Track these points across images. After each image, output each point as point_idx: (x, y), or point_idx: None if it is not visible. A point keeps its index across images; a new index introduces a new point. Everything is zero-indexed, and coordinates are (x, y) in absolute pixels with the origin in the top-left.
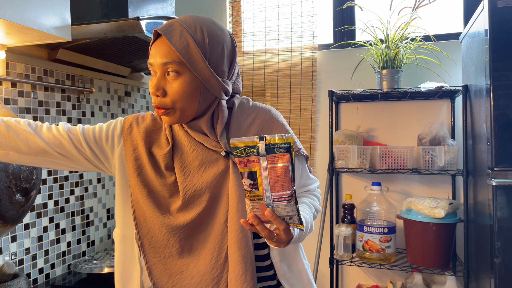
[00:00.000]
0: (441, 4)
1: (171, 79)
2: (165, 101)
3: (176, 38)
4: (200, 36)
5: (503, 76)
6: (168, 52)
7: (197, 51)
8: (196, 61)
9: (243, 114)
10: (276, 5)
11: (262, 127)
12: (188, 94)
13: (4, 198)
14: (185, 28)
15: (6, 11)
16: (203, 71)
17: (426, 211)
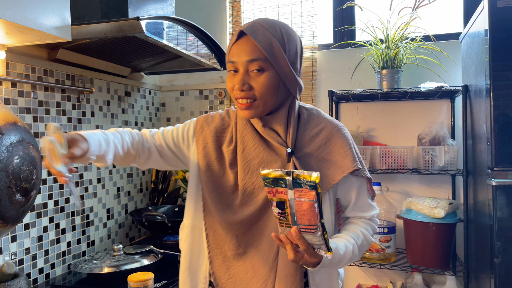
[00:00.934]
0: (441, 4)
1: (254, 75)
2: (250, 94)
3: (260, 37)
4: (280, 35)
5: (503, 76)
6: (254, 50)
7: (279, 49)
8: (278, 57)
9: (312, 122)
10: (276, 5)
11: (326, 141)
12: (271, 89)
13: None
14: (267, 28)
15: (6, 11)
16: (284, 67)
17: (426, 211)
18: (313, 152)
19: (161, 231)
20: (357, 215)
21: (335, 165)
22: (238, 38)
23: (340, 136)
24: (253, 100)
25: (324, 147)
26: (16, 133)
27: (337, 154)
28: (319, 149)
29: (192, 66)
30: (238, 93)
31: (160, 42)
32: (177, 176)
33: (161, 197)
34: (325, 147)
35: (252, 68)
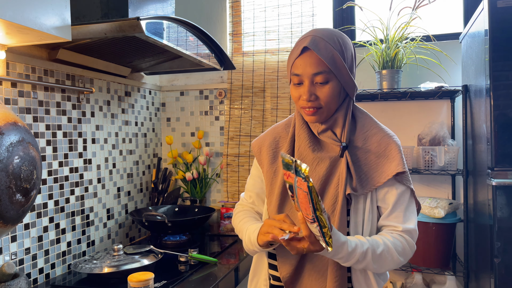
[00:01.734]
0: (441, 4)
1: (319, 86)
2: (317, 104)
3: (323, 50)
4: (339, 46)
5: (503, 76)
6: (318, 63)
7: (340, 60)
8: (340, 68)
9: (367, 125)
10: (276, 5)
11: (378, 145)
12: (335, 97)
13: (4, 198)
14: (327, 41)
15: (6, 11)
16: (346, 76)
17: (426, 211)
18: (365, 150)
19: (161, 231)
20: (390, 224)
21: (382, 168)
22: (301, 53)
23: (391, 142)
24: (319, 108)
25: (376, 149)
26: (16, 133)
27: (386, 158)
28: (371, 150)
29: (192, 66)
30: (305, 103)
31: (160, 42)
32: (177, 176)
33: (161, 197)
34: (376, 150)
35: (317, 80)
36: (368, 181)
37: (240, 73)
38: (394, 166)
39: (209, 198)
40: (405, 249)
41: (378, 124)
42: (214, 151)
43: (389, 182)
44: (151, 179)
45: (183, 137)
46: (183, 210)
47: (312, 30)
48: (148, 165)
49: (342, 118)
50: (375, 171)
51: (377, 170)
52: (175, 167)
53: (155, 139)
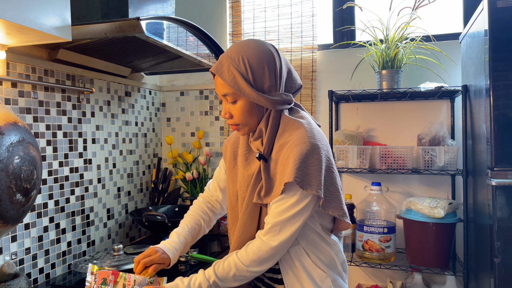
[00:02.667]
0: (441, 4)
1: (231, 105)
2: (233, 121)
3: (225, 74)
4: (243, 66)
5: (503, 76)
6: (224, 86)
7: (242, 81)
8: (243, 88)
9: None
10: (276, 5)
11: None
12: (247, 113)
13: (4, 198)
14: (231, 62)
15: (6, 11)
16: (251, 94)
17: (426, 211)
18: (276, 159)
19: (161, 231)
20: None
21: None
22: (214, 76)
23: (294, 149)
24: (237, 124)
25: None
26: (16, 133)
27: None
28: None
29: (192, 66)
30: (226, 120)
31: (160, 42)
32: (177, 176)
33: (161, 197)
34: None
35: (228, 100)
36: (271, 192)
37: None
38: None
39: None
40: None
41: (294, 130)
42: (214, 151)
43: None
44: (151, 179)
45: (183, 137)
46: (183, 210)
47: (230, 47)
48: (148, 165)
49: (264, 129)
50: (279, 180)
51: (280, 180)
52: (175, 167)
53: (155, 139)
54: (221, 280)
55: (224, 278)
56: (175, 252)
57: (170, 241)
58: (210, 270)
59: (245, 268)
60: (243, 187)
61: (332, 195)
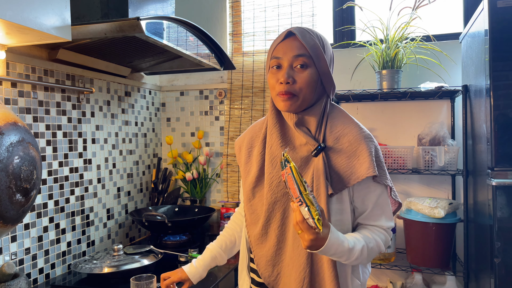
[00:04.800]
0: (441, 4)
1: (298, 70)
2: (293, 88)
3: (306, 37)
4: (320, 39)
5: (503, 76)
6: (300, 47)
7: (321, 49)
8: (320, 57)
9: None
10: (276, 5)
11: (348, 145)
12: (312, 84)
13: (4, 198)
14: (310, 33)
15: (6, 11)
16: (324, 66)
17: (426, 211)
18: (336, 150)
19: (161, 231)
20: (372, 223)
21: (353, 169)
22: (285, 38)
23: (362, 143)
24: (294, 95)
25: (347, 150)
26: (16, 133)
27: (357, 159)
28: (343, 150)
29: (192, 66)
30: (282, 87)
31: (160, 42)
32: (177, 176)
33: (161, 197)
34: (348, 150)
35: (297, 63)
36: (339, 182)
37: (240, 73)
38: (365, 169)
39: (209, 198)
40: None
41: (353, 123)
42: (214, 151)
43: (366, 183)
44: (151, 179)
45: (183, 137)
46: (183, 210)
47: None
48: (148, 165)
49: (317, 115)
50: (345, 172)
51: (347, 171)
52: (175, 167)
53: (155, 139)
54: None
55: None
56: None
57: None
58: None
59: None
60: None
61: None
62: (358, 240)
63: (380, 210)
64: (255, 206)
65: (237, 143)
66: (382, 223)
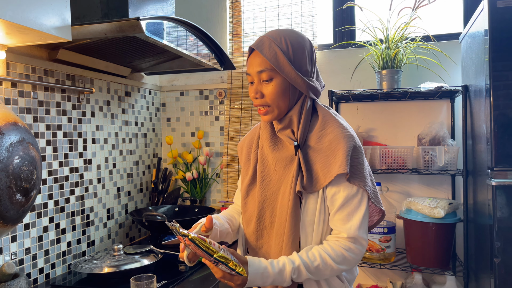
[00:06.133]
0: (441, 4)
1: (265, 84)
2: (264, 101)
3: (266, 50)
4: (284, 44)
5: (503, 76)
6: (262, 62)
7: (283, 57)
8: (283, 65)
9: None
10: (276, 5)
11: (329, 144)
12: (281, 94)
13: (4, 198)
14: (272, 40)
15: (6, 11)
16: (290, 73)
17: (426, 211)
18: (317, 149)
19: (161, 231)
20: (334, 227)
21: (329, 168)
22: (250, 53)
23: (341, 141)
24: (268, 106)
25: (327, 148)
26: (16, 133)
27: (334, 157)
28: (322, 149)
29: (192, 66)
30: (255, 101)
31: (160, 42)
32: (177, 176)
33: (161, 197)
34: (327, 149)
35: (262, 78)
36: (317, 181)
37: (240, 73)
38: (337, 167)
39: (209, 198)
40: (347, 259)
41: (335, 123)
42: (214, 151)
43: (338, 182)
44: (151, 179)
45: (183, 137)
46: (183, 210)
47: (269, 31)
48: (148, 165)
49: (296, 116)
50: (323, 171)
51: (324, 170)
52: (175, 167)
53: (155, 139)
54: (306, 267)
55: (309, 267)
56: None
57: None
58: (294, 255)
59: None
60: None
61: (376, 189)
62: (293, 261)
63: (346, 215)
64: (248, 205)
65: (239, 144)
66: (345, 231)
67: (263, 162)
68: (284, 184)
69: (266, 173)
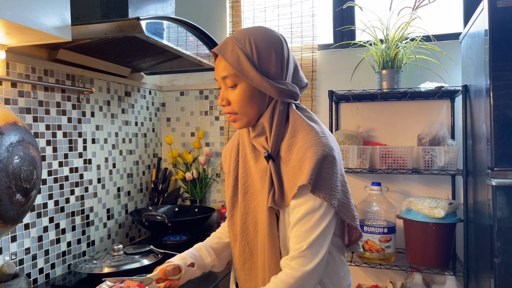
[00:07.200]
0: (441, 4)
1: (230, 90)
2: (231, 109)
3: (228, 53)
4: (248, 47)
5: (503, 76)
6: (225, 67)
7: (246, 61)
8: (246, 70)
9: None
10: (276, 5)
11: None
12: (247, 101)
13: (4, 198)
14: (236, 43)
15: (6, 11)
16: (254, 77)
17: (426, 211)
18: (287, 159)
19: (161, 231)
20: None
21: (295, 181)
22: (215, 58)
23: (309, 151)
24: (236, 114)
25: (295, 159)
26: (16, 133)
27: (300, 169)
28: (291, 160)
29: (192, 66)
30: (223, 109)
31: (160, 42)
32: (177, 176)
33: (161, 197)
34: (296, 160)
35: (228, 84)
36: (286, 195)
37: None
38: (302, 179)
39: (209, 198)
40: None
41: (307, 129)
42: (214, 151)
43: (302, 194)
44: (151, 179)
45: (183, 137)
46: (183, 210)
47: (238, 30)
48: (148, 165)
49: (268, 123)
50: (289, 183)
51: (291, 183)
52: (175, 167)
53: (155, 139)
54: None
55: None
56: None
57: None
58: None
59: None
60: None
61: (350, 201)
62: None
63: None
64: (235, 217)
65: (223, 152)
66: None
67: (246, 171)
68: (263, 197)
69: (250, 183)
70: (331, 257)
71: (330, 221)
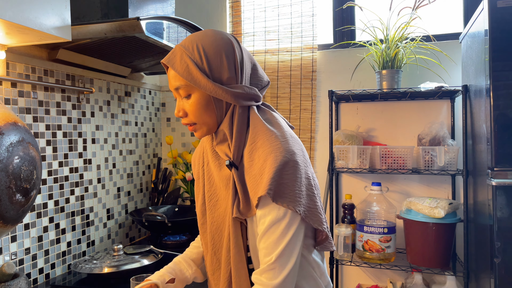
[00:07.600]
0: (441, 4)
1: (185, 100)
2: (189, 120)
3: (177, 63)
4: (197, 54)
5: (503, 76)
6: (176, 77)
7: (196, 70)
8: (197, 78)
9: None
10: (276, 5)
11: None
12: (202, 108)
13: (4, 198)
14: (184, 51)
15: (6, 11)
16: (206, 85)
17: (426, 211)
18: (249, 166)
19: (161, 231)
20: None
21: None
22: (166, 69)
23: (268, 158)
24: (194, 124)
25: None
26: (16, 133)
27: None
28: (253, 167)
29: None
30: (181, 120)
31: (160, 42)
32: (177, 176)
33: (161, 197)
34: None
35: (182, 94)
36: (251, 204)
37: None
38: (261, 189)
39: None
40: None
41: (266, 134)
42: None
43: (265, 204)
44: (151, 179)
45: (183, 137)
46: (183, 210)
47: (187, 37)
48: (148, 165)
49: (228, 129)
50: (252, 192)
51: (253, 192)
52: (175, 167)
53: (155, 139)
54: None
55: None
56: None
57: None
58: None
59: None
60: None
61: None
62: None
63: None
64: (205, 226)
65: (192, 158)
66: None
67: (210, 179)
68: (228, 206)
69: (213, 192)
70: (305, 260)
71: (298, 228)
